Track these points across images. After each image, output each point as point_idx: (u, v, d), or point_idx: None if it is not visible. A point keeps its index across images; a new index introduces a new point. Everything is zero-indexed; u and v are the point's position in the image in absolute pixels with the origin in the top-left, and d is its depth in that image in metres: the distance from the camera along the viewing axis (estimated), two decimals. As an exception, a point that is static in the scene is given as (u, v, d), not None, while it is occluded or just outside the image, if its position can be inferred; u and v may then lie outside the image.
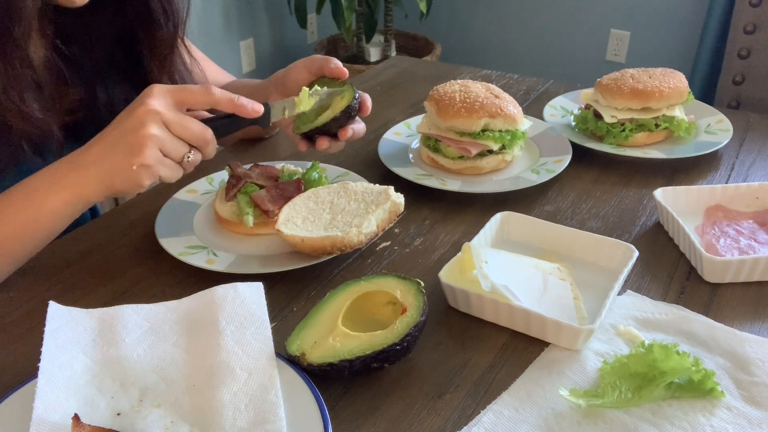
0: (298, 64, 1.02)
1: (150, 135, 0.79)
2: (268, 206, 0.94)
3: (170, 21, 1.01)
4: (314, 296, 0.86)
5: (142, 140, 0.78)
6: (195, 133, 0.82)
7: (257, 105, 0.86)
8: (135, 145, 0.79)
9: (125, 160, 0.79)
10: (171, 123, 0.80)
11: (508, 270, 0.82)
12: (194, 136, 0.82)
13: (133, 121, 0.80)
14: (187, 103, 0.83)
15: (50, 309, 0.73)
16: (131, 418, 0.66)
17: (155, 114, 0.79)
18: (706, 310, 0.83)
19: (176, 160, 0.82)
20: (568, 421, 0.68)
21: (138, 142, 0.79)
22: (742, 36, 2.83)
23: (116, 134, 0.81)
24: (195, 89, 0.83)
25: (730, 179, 1.12)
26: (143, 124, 0.79)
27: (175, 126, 0.81)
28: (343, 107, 0.93)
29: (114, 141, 0.81)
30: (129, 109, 0.82)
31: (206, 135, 0.83)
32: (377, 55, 3.61)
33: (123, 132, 0.80)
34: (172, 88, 0.82)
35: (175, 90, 0.82)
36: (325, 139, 0.95)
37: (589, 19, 3.49)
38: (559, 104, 1.31)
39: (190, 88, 0.83)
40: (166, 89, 0.82)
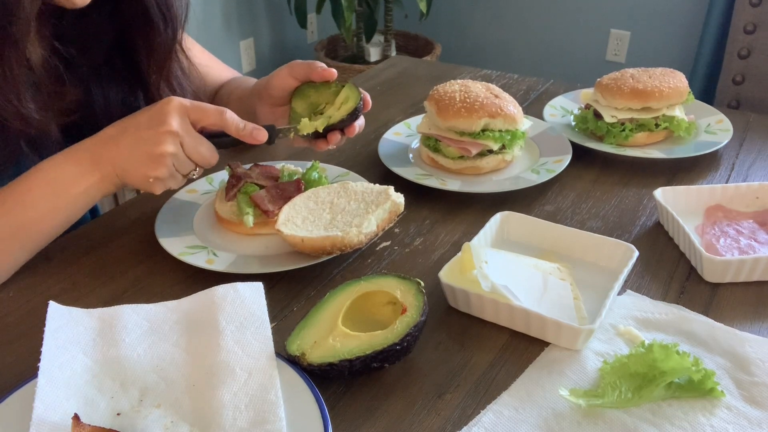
0: (281, 72, 1.00)
1: (168, 154, 0.85)
2: (267, 206, 0.94)
3: (169, 27, 1.01)
4: (314, 296, 0.87)
5: (160, 158, 0.85)
6: (204, 156, 0.88)
7: (261, 135, 0.91)
8: (153, 161, 0.85)
9: (143, 171, 0.86)
10: (186, 145, 0.86)
11: (508, 270, 0.82)
12: (202, 159, 0.88)
13: (152, 134, 0.85)
14: (202, 124, 0.88)
15: (50, 309, 0.73)
16: (131, 418, 0.66)
17: (175, 135, 0.85)
18: (706, 310, 0.83)
19: (183, 174, 0.89)
20: (568, 421, 0.68)
21: (156, 158, 0.85)
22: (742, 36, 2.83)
23: (134, 140, 0.86)
24: (211, 112, 0.88)
25: (730, 179, 1.12)
26: (163, 142, 0.85)
27: (190, 148, 0.87)
28: (350, 110, 0.94)
29: (132, 146, 0.86)
30: (150, 117, 0.86)
31: (213, 159, 0.90)
32: (377, 55, 3.61)
33: (140, 141, 0.86)
34: (190, 106, 0.87)
35: (192, 109, 0.87)
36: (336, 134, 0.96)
37: (589, 19, 3.49)
38: (559, 104, 1.31)
39: (206, 109, 0.88)
40: (185, 107, 0.87)
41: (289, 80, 0.99)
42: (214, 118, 0.88)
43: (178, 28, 1.02)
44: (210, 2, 3.33)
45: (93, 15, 0.98)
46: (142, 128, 0.86)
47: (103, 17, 0.99)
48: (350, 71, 3.28)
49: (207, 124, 0.89)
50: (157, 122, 0.85)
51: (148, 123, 0.86)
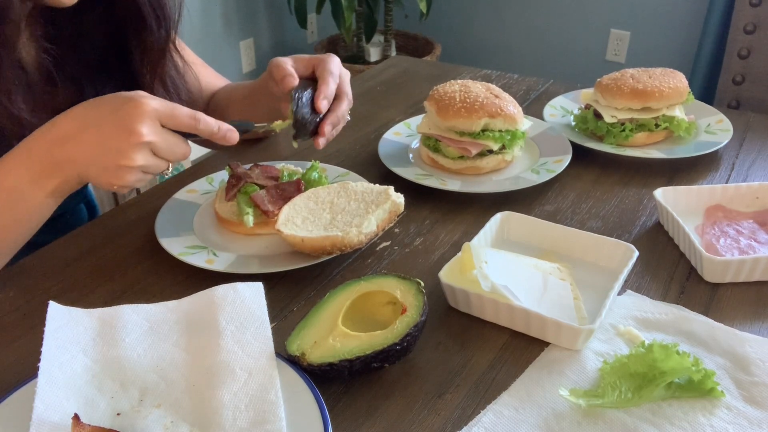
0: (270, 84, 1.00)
1: (136, 166, 0.80)
2: (267, 207, 0.94)
3: (162, 26, 1.01)
4: (314, 296, 0.86)
5: (126, 170, 0.80)
6: (178, 155, 0.83)
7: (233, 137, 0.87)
8: (120, 171, 0.80)
9: (106, 179, 0.81)
10: (159, 149, 0.81)
11: (508, 270, 0.82)
12: (176, 158, 0.84)
13: (119, 143, 0.79)
14: (175, 126, 0.82)
15: (50, 309, 0.73)
16: (131, 418, 0.66)
17: (146, 146, 0.79)
18: (706, 310, 0.83)
19: (155, 173, 0.84)
20: (568, 421, 0.68)
21: (124, 170, 0.80)
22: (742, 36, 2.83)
23: (101, 149, 0.79)
24: (184, 116, 0.82)
25: (730, 179, 1.12)
26: (132, 154, 0.79)
27: (163, 151, 0.81)
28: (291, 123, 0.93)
29: (98, 155, 0.80)
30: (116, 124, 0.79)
31: (187, 155, 0.85)
32: (377, 55, 3.61)
33: (107, 151, 0.79)
34: (162, 109, 0.81)
35: (165, 112, 0.81)
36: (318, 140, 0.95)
37: (589, 19, 3.49)
38: (559, 104, 1.31)
39: (178, 113, 0.82)
40: (156, 111, 0.80)
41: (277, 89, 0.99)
42: (187, 124, 0.83)
43: (171, 28, 1.02)
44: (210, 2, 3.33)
45: (86, 15, 0.98)
46: (108, 133, 0.79)
47: (95, 17, 0.99)
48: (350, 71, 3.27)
49: (180, 128, 0.83)
50: (126, 131, 0.78)
51: (115, 129, 0.79)
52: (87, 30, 1.00)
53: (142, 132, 0.78)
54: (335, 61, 0.99)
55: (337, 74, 0.97)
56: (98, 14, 0.99)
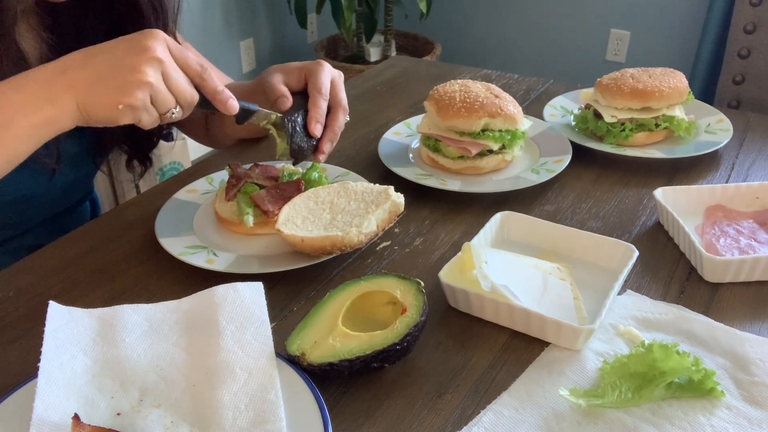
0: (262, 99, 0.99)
1: (146, 80, 0.76)
2: (267, 207, 0.94)
3: (159, 19, 1.01)
4: (314, 296, 0.86)
5: (137, 83, 0.75)
6: (187, 93, 0.81)
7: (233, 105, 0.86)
8: (129, 86, 0.75)
9: (113, 98, 0.76)
10: (169, 76, 0.78)
11: (508, 270, 0.82)
12: (184, 96, 0.81)
13: (132, 60, 0.76)
14: (184, 64, 0.81)
15: (50, 309, 0.73)
16: (131, 418, 0.66)
17: (158, 62, 0.77)
18: (706, 310, 0.83)
19: (161, 112, 0.80)
20: (568, 421, 0.68)
21: (133, 83, 0.75)
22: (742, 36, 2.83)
23: (109, 67, 0.76)
24: (192, 63, 0.81)
25: (730, 179, 1.12)
26: (143, 66, 0.76)
27: (172, 81, 0.78)
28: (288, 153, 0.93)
29: (106, 73, 0.76)
30: (129, 46, 0.77)
31: (194, 99, 0.82)
32: (377, 55, 3.61)
33: (117, 68, 0.76)
34: (174, 45, 0.79)
35: (176, 49, 0.80)
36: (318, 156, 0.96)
37: (589, 19, 3.49)
38: (559, 104, 1.31)
39: (189, 57, 0.81)
40: (169, 40, 0.79)
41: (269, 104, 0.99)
42: (195, 69, 0.81)
43: (168, 22, 1.02)
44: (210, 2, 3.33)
45: (86, 7, 0.98)
46: (120, 52, 0.76)
47: (96, 9, 0.99)
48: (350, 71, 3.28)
49: (186, 72, 0.81)
50: (139, 48, 0.76)
51: (128, 48, 0.77)
52: (87, 22, 1.00)
53: (155, 47, 0.76)
54: (325, 72, 0.97)
55: (327, 89, 0.96)
56: (98, 6, 0.99)
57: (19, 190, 0.99)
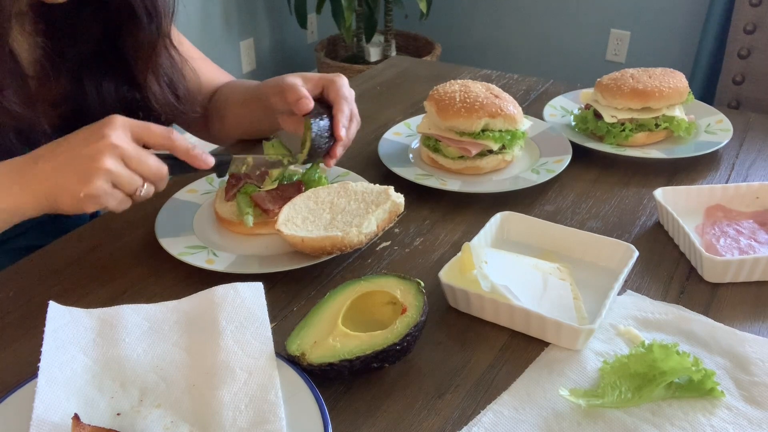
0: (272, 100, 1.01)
1: (104, 168, 0.78)
2: (268, 205, 0.94)
3: (153, 21, 1.00)
4: (314, 296, 0.86)
5: (94, 171, 0.78)
6: (151, 169, 0.82)
7: (209, 159, 0.86)
8: (86, 175, 0.78)
9: (73, 187, 0.78)
10: (129, 158, 0.80)
11: (508, 270, 0.82)
12: (150, 173, 0.82)
13: (89, 149, 0.78)
14: (147, 142, 0.82)
15: (50, 309, 0.73)
16: (131, 418, 0.66)
17: (114, 148, 0.78)
18: (706, 310, 0.83)
19: (128, 192, 0.82)
20: (568, 421, 0.68)
21: (90, 172, 0.78)
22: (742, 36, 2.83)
23: (69, 157, 0.79)
24: (157, 131, 0.82)
25: (730, 179, 1.12)
26: (100, 155, 0.78)
27: (133, 161, 0.80)
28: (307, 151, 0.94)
29: (66, 163, 0.79)
30: (87, 136, 0.80)
31: (161, 172, 0.83)
32: (377, 55, 3.61)
33: (77, 157, 0.79)
34: (134, 123, 0.81)
35: (136, 126, 0.81)
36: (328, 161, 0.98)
37: (589, 19, 3.49)
38: (559, 104, 1.31)
39: (152, 128, 0.82)
40: (128, 123, 0.81)
41: (284, 105, 1.01)
42: (161, 139, 0.82)
43: (162, 24, 1.02)
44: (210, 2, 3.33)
45: (80, 9, 0.98)
46: (78, 145, 0.79)
47: (89, 12, 0.99)
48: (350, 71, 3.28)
49: (153, 145, 0.83)
50: (95, 137, 0.79)
51: (85, 140, 0.79)
52: (81, 24, 1.00)
53: (110, 135, 0.78)
54: (345, 83, 1.00)
55: (350, 98, 0.99)
56: (92, 9, 0.99)
57: None
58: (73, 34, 0.99)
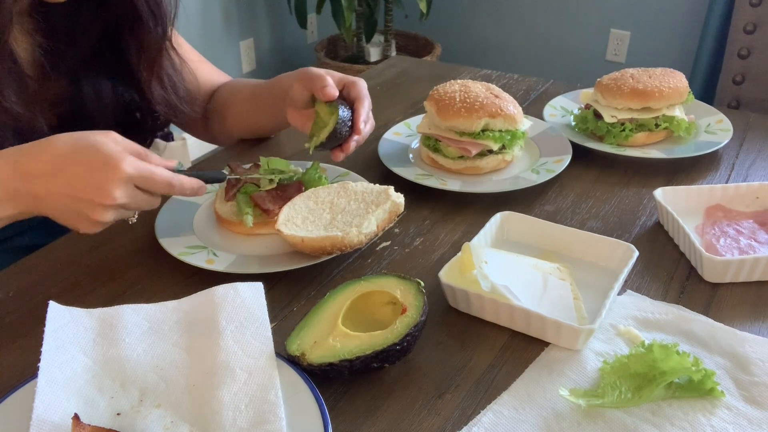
0: (293, 84, 1.01)
1: (102, 222, 0.80)
2: (268, 205, 0.94)
3: (158, 24, 1.00)
4: (314, 296, 0.86)
5: (92, 223, 0.80)
6: (146, 208, 0.83)
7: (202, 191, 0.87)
8: (84, 222, 0.80)
9: (71, 223, 0.81)
10: (129, 207, 0.81)
11: (508, 270, 0.82)
12: (143, 209, 0.84)
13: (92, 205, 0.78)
14: (150, 188, 0.81)
15: (50, 309, 0.73)
16: (131, 418, 0.66)
17: (117, 208, 0.79)
18: (706, 310, 0.83)
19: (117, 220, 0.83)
20: (568, 421, 0.68)
21: (88, 222, 0.80)
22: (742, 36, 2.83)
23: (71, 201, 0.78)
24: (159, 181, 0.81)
25: (730, 179, 1.12)
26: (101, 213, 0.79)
27: (132, 207, 0.82)
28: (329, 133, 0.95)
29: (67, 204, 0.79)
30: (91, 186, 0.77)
31: (155, 205, 0.84)
32: (377, 55, 3.61)
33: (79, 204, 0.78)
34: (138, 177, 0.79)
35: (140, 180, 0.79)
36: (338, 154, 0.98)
37: (589, 19, 3.49)
38: (559, 104, 1.31)
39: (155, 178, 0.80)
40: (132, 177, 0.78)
41: (304, 92, 1.01)
42: (162, 189, 0.82)
43: (167, 26, 1.02)
44: (210, 2, 3.33)
45: (80, 10, 0.98)
46: (81, 189, 0.77)
47: (90, 13, 0.99)
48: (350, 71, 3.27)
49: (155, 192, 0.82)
50: (100, 192, 0.77)
51: (89, 187, 0.77)
52: (81, 25, 1.00)
53: (115, 196, 0.78)
54: (365, 86, 1.01)
55: (369, 101, 1.00)
56: (93, 10, 0.99)
57: None
58: (72, 35, 0.99)
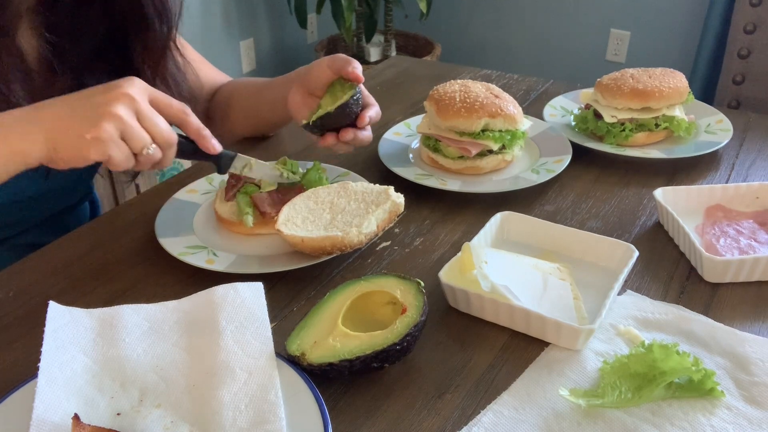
0: (322, 62, 1.01)
1: (115, 113, 0.76)
2: (266, 208, 0.94)
3: (164, 23, 1.00)
4: (314, 296, 0.86)
5: (104, 114, 0.76)
6: (161, 130, 0.81)
7: (217, 144, 0.87)
8: (96, 117, 0.76)
9: (80, 128, 0.76)
10: (141, 112, 0.78)
11: (508, 270, 0.82)
12: (159, 134, 0.80)
13: (104, 97, 0.77)
14: (162, 108, 0.81)
15: (50, 309, 0.73)
16: (131, 418, 0.66)
17: (128, 98, 0.77)
18: (706, 310, 0.83)
19: (134, 149, 0.79)
20: (568, 421, 0.68)
21: (100, 115, 0.76)
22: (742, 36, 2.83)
23: (81, 103, 0.78)
24: (175, 103, 0.83)
25: (730, 179, 1.12)
26: (113, 101, 0.77)
27: (144, 117, 0.79)
28: (338, 104, 0.95)
29: (76, 107, 0.78)
30: (104, 87, 0.79)
31: (172, 137, 0.82)
32: (377, 55, 3.61)
33: (89, 103, 0.78)
34: (154, 89, 0.82)
35: (155, 92, 0.81)
36: (330, 136, 0.97)
37: (589, 19, 3.49)
38: (559, 104, 1.31)
39: (169, 99, 0.82)
40: (148, 86, 0.81)
41: (327, 72, 1.00)
42: (177, 111, 0.83)
43: (173, 25, 1.02)
44: (210, 2, 3.33)
45: (86, 7, 0.98)
46: (92, 93, 0.79)
47: (96, 10, 0.99)
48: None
49: (167, 112, 0.82)
50: (112, 87, 0.78)
51: (103, 89, 0.79)
52: (87, 22, 1.00)
53: (128, 87, 0.78)
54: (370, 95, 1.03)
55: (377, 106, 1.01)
56: (98, 8, 0.99)
57: (16, 189, 0.99)
58: (77, 32, 0.99)
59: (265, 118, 1.19)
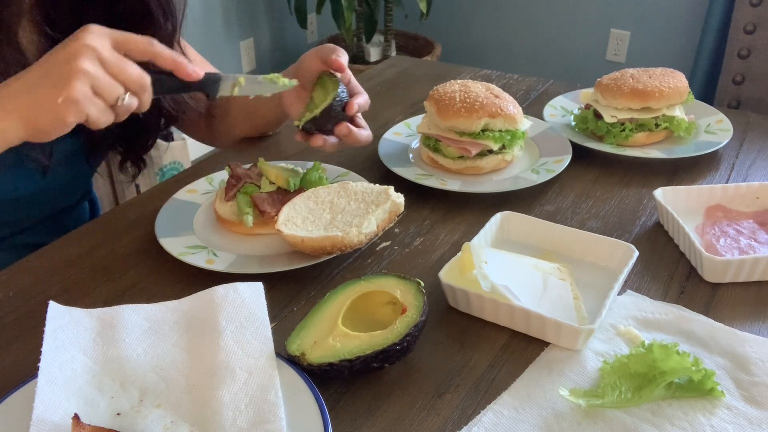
0: (311, 52, 1.01)
1: (81, 69, 0.73)
2: (266, 208, 0.94)
3: (169, 21, 1.00)
4: (314, 296, 0.86)
5: (71, 73, 0.73)
6: (132, 76, 0.77)
7: (198, 69, 0.81)
8: (63, 78, 0.73)
9: (51, 93, 0.73)
10: (107, 61, 0.75)
11: (508, 270, 0.82)
12: (130, 79, 0.77)
13: (64, 54, 0.74)
14: (127, 48, 0.77)
15: (50, 309, 0.73)
16: (131, 418, 0.66)
17: (90, 49, 0.74)
18: (706, 310, 0.83)
19: (109, 101, 0.76)
20: (568, 421, 0.68)
21: (67, 75, 0.73)
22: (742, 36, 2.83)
23: (44, 68, 0.75)
24: (138, 39, 0.78)
25: (730, 179, 1.12)
26: (75, 56, 0.73)
27: (111, 65, 0.75)
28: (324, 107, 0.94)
29: (41, 74, 0.74)
30: (61, 44, 0.76)
31: (144, 80, 0.78)
32: (377, 55, 3.61)
33: (52, 64, 0.74)
34: (113, 31, 0.77)
35: (115, 32, 0.77)
36: (319, 137, 0.96)
37: (589, 19, 3.49)
38: (559, 104, 1.31)
39: (132, 36, 0.77)
40: (105, 29, 0.77)
41: (316, 61, 1.00)
42: (143, 44, 0.77)
43: (177, 23, 1.02)
44: (210, 2, 3.33)
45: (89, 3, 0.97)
46: (51, 54, 0.75)
47: (98, 7, 0.99)
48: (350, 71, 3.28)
49: (134, 51, 0.78)
50: (69, 41, 0.75)
51: (61, 46, 0.75)
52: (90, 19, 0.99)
53: (85, 38, 0.74)
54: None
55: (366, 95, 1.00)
56: (101, 5, 0.99)
57: (14, 187, 0.99)
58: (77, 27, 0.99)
59: (262, 115, 1.19)
